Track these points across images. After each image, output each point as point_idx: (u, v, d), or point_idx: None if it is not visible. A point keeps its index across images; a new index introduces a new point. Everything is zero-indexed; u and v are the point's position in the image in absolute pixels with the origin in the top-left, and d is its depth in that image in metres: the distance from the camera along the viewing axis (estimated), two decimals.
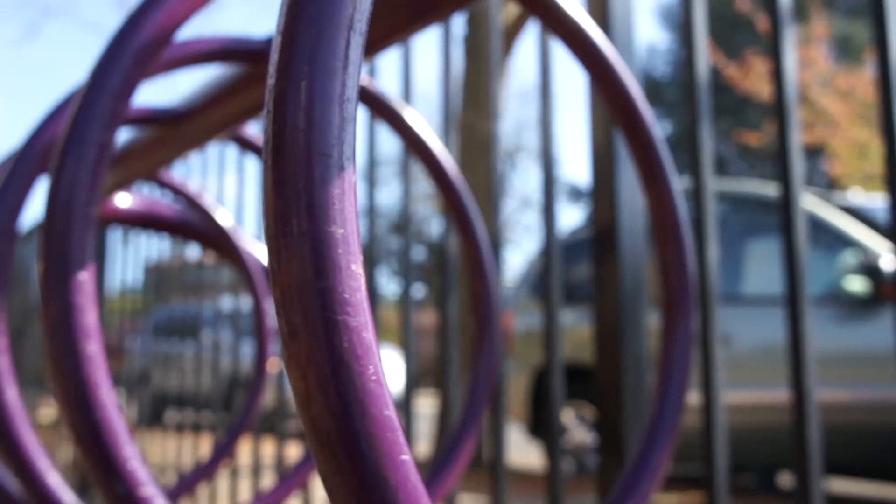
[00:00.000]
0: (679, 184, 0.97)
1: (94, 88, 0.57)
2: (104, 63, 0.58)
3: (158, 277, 3.69)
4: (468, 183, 1.29)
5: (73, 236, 0.54)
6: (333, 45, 0.33)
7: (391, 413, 0.32)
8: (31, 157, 0.80)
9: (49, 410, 5.30)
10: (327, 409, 0.31)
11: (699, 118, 1.42)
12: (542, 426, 6.77)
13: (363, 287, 0.33)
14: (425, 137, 1.21)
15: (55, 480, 0.79)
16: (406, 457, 0.32)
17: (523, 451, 7.07)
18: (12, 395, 0.78)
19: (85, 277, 0.55)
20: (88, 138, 0.56)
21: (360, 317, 0.32)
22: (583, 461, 6.61)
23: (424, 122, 1.23)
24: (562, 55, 6.46)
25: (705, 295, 1.34)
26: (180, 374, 3.46)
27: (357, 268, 0.32)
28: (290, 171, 0.32)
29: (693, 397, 0.99)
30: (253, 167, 2.80)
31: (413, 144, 1.22)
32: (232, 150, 2.95)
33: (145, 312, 4.25)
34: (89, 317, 0.54)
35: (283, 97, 0.33)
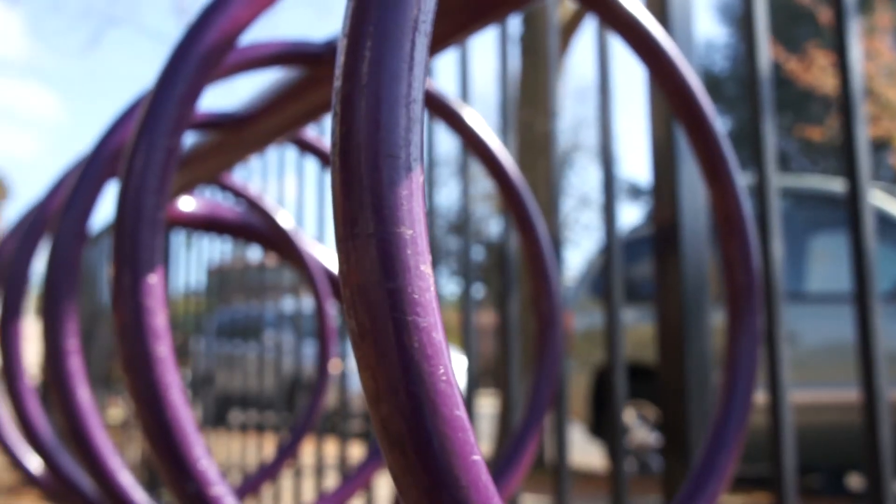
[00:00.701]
0: (743, 179, 0.96)
1: (161, 94, 0.58)
2: (170, 69, 0.59)
3: (221, 279, 3.74)
4: (526, 182, 1.28)
5: (142, 240, 0.55)
6: (399, 46, 0.33)
7: (462, 413, 0.32)
8: (99, 162, 0.82)
9: (117, 411, 5.41)
10: (398, 409, 0.31)
11: (761, 113, 1.40)
12: (603, 426, 6.72)
13: (432, 287, 0.33)
14: (485, 137, 1.20)
15: (127, 479, 0.81)
16: (477, 457, 0.32)
17: (584, 451, 7.03)
18: (85, 395, 0.79)
19: (154, 280, 0.56)
20: (156, 143, 0.57)
21: (430, 317, 0.32)
22: (644, 461, 6.56)
23: (483, 121, 1.23)
24: (619, 51, 6.40)
25: (770, 292, 1.32)
26: (243, 375, 3.50)
27: (426, 268, 0.32)
28: (359, 173, 0.32)
29: (759, 396, 0.97)
30: (312, 169, 2.82)
31: (472, 144, 1.22)
32: (291, 153, 2.98)
33: (208, 314, 4.31)
34: (159, 319, 0.55)
35: (349, 100, 0.33)
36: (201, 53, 0.59)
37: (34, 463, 1.38)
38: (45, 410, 1.14)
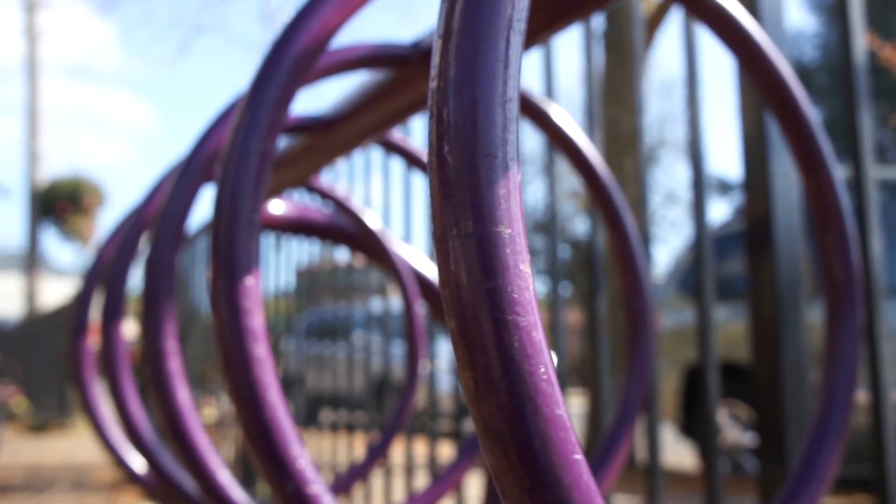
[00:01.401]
0: (840, 171, 0.93)
1: (255, 99, 0.59)
2: (263, 74, 0.60)
3: (310, 281, 3.80)
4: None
5: (239, 243, 0.56)
6: (494, 46, 0.33)
7: (563, 412, 0.32)
8: (195, 167, 0.84)
9: (211, 410, 5.54)
10: (499, 408, 0.31)
11: (856, 103, 1.36)
12: (694, 425, 6.62)
13: (531, 286, 0.32)
14: (572, 134, 1.20)
15: (225, 477, 0.83)
16: (579, 456, 0.32)
17: (674, 451, 6.93)
18: (184, 395, 0.81)
19: (251, 282, 0.57)
20: (251, 148, 0.58)
21: (530, 316, 0.32)
22: (737, 461, 6.43)
23: (570, 118, 1.22)
24: (706, 43, 6.29)
25: (870, 288, 1.28)
26: (333, 375, 3.54)
27: (525, 267, 0.32)
28: (456, 173, 0.32)
29: (860, 396, 0.94)
30: (398, 170, 2.84)
31: (559, 142, 1.21)
32: (377, 154, 3.00)
33: (298, 315, 4.38)
34: (256, 320, 0.56)
35: (446, 100, 0.33)
36: (293, 58, 0.60)
37: (136, 461, 1.43)
38: (146, 410, 1.17)
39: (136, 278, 1.27)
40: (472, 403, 0.32)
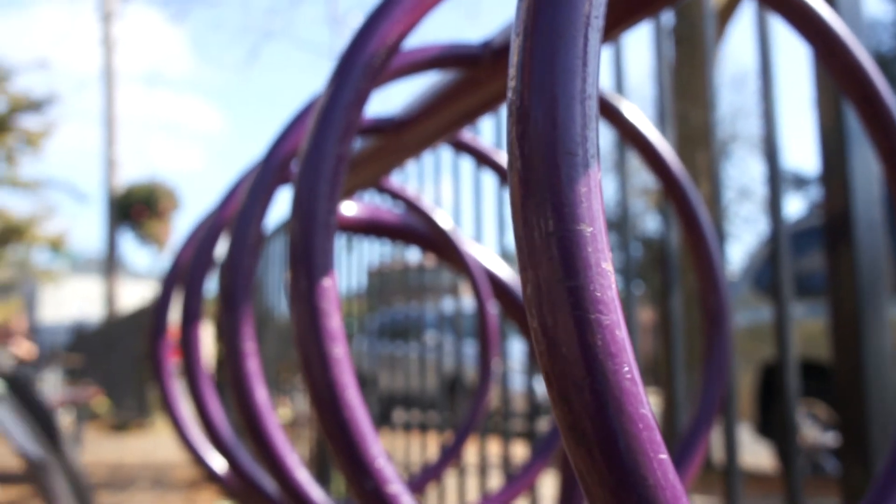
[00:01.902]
0: None
1: (330, 101, 0.60)
2: (338, 76, 0.60)
3: (381, 281, 3.82)
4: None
5: (316, 245, 0.57)
6: (572, 43, 0.33)
7: (647, 411, 0.31)
8: (271, 170, 0.85)
9: (285, 410, 5.61)
10: (583, 408, 0.31)
11: None
12: (771, 425, 6.50)
13: (614, 285, 0.32)
14: (644, 131, 1.18)
15: (304, 476, 0.83)
16: (664, 455, 0.31)
17: (751, 451, 6.81)
18: (262, 395, 0.82)
19: (328, 284, 0.57)
20: (327, 150, 0.58)
21: (613, 315, 0.32)
22: (817, 461, 6.30)
23: (642, 115, 1.21)
24: (778, 34, 6.16)
25: None
26: (405, 374, 3.56)
27: (607, 265, 0.32)
28: (537, 172, 0.32)
29: None
30: (468, 169, 2.84)
31: (631, 138, 1.20)
32: (447, 154, 3.01)
33: (370, 316, 4.41)
34: (334, 321, 0.57)
35: (524, 99, 0.33)
36: (367, 60, 0.61)
37: (215, 460, 1.45)
38: (224, 409, 1.19)
39: (213, 280, 1.30)
40: (555, 403, 0.32)
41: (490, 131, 2.53)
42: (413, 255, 3.45)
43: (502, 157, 1.51)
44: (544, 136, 0.32)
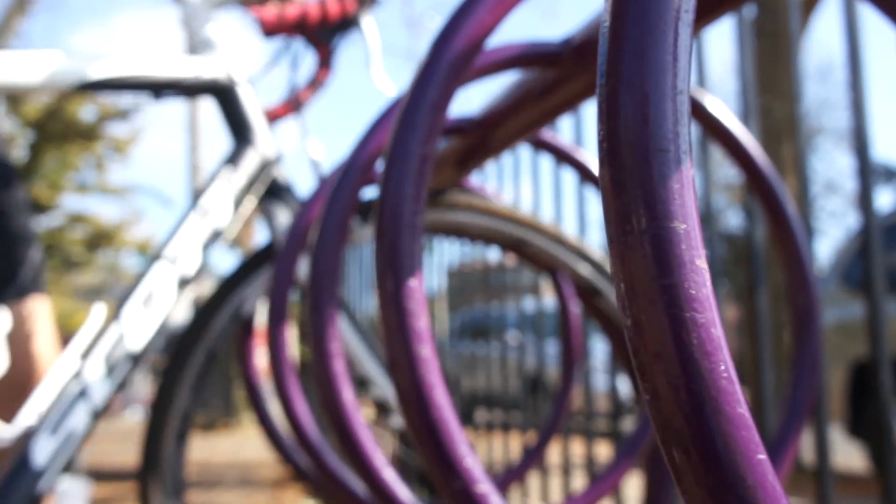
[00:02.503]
0: None
1: (414, 102, 0.60)
2: (422, 77, 0.61)
3: (461, 281, 3.82)
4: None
5: (403, 246, 0.57)
6: (662, 38, 0.33)
7: (744, 411, 0.31)
8: (355, 172, 0.86)
9: (368, 410, 5.66)
10: (678, 407, 0.31)
11: None
12: (862, 424, 6.33)
13: (708, 282, 0.32)
14: (729, 125, 1.16)
15: (390, 475, 0.84)
16: (763, 456, 0.31)
17: (842, 452, 6.63)
18: (349, 396, 0.83)
19: (415, 284, 0.58)
20: (412, 151, 0.58)
21: (708, 313, 0.31)
22: None
23: (726, 109, 1.19)
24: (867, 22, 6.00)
25: None
26: (487, 374, 3.56)
27: (701, 263, 0.32)
28: (628, 169, 0.32)
29: None
30: (547, 167, 2.82)
31: (716, 133, 1.18)
32: (525, 153, 3.00)
33: (451, 316, 4.42)
34: (421, 321, 0.57)
35: (615, 95, 0.33)
36: (450, 60, 0.61)
37: (302, 459, 1.47)
38: (310, 409, 1.21)
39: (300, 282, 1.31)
40: (650, 402, 0.32)
41: (569, 129, 2.52)
42: (493, 254, 3.45)
43: (583, 155, 1.50)
44: (635, 133, 0.32)
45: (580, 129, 2.41)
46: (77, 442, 1.20)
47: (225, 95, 1.39)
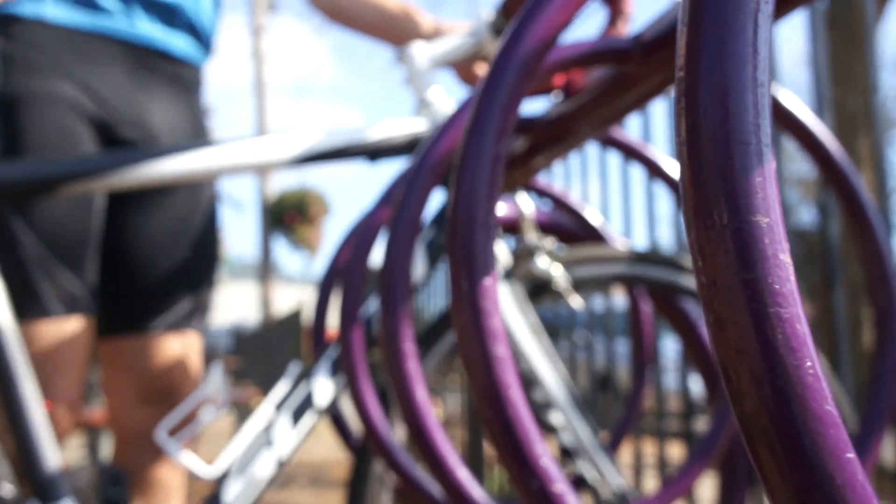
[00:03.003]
0: None
1: (486, 101, 0.60)
2: (493, 76, 0.61)
3: None
4: None
5: (476, 245, 0.58)
6: (742, 30, 0.32)
7: (832, 408, 0.30)
8: (425, 171, 0.86)
9: (437, 411, 5.67)
10: (763, 405, 0.30)
11: None
12: None
13: (792, 277, 0.31)
14: (803, 118, 1.14)
15: (465, 475, 0.84)
16: (851, 454, 0.30)
17: None
18: (423, 396, 0.84)
19: (489, 283, 0.58)
20: (484, 150, 0.59)
21: (792, 308, 0.31)
22: None
23: (800, 102, 1.17)
24: None
25: None
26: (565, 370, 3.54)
27: (785, 257, 0.31)
28: (709, 163, 0.32)
29: None
30: (615, 164, 2.80)
31: (790, 126, 1.16)
32: (593, 150, 2.98)
33: None
34: (496, 320, 0.57)
35: (694, 89, 0.32)
36: (521, 59, 0.61)
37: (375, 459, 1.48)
38: (384, 409, 1.22)
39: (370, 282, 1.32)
40: (733, 401, 0.31)
41: (636, 125, 2.50)
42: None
43: (652, 152, 1.49)
44: (716, 127, 0.32)
45: (648, 125, 2.39)
46: (261, 486, 1.28)
47: None
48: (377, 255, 1.16)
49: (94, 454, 3.91)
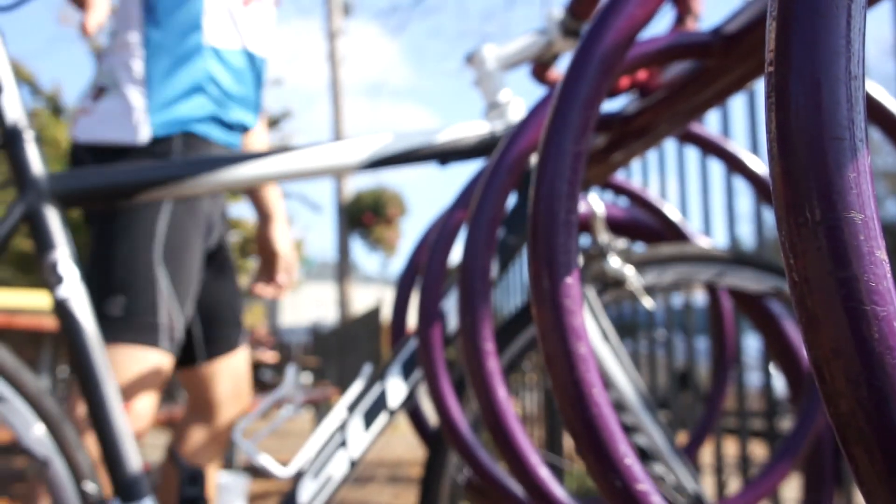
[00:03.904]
0: None
1: (567, 98, 0.60)
2: (573, 73, 0.60)
3: None
4: None
5: (558, 244, 0.57)
6: (835, 22, 0.31)
7: None
8: (504, 170, 0.86)
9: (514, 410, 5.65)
10: (859, 405, 0.29)
11: None
12: None
13: (889, 274, 0.30)
14: (892, 109, 1.11)
15: (546, 474, 0.84)
16: None
17: None
18: (503, 394, 0.84)
19: (571, 281, 0.57)
20: (565, 149, 0.58)
21: (889, 306, 0.30)
22: None
23: (887, 93, 1.14)
24: None
25: None
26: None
27: (881, 254, 0.30)
28: (801, 159, 0.31)
29: None
30: (694, 161, 2.75)
31: (877, 118, 1.13)
32: (670, 145, 2.93)
33: None
34: (577, 319, 0.57)
35: (786, 83, 0.32)
36: (601, 55, 0.60)
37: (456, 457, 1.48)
38: (462, 408, 1.22)
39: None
40: (827, 402, 0.31)
41: (714, 120, 2.46)
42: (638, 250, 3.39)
43: (733, 147, 1.46)
44: (808, 122, 0.31)
45: (727, 119, 2.34)
46: (335, 486, 1.32)
47: None
48: (455, 254, 1.17)
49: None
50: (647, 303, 1.38)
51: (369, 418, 1.33)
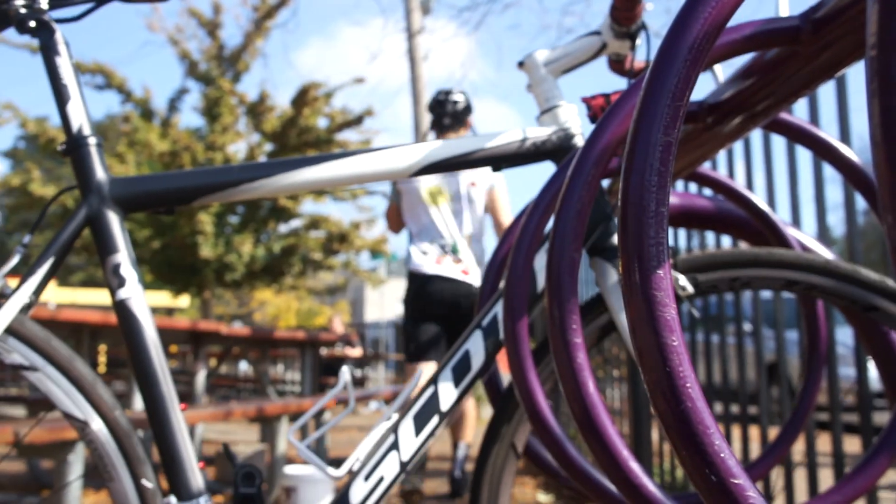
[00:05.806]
0: None
1: (655, 88, 0.59)
2: (661, 62, 0.59)
3: None
4: None
5: (648, 236, 0.57)
6: None
7: None
8: (591, 162, 0.85)
9: None
10: None
11: None
12: None
13: None
14: None
15: (637, 469, 0.83)
16: None
17: None
18: (593, 388, 0.83)
19: (662, 273, 0.57)
20: (654, 139, 0.57)
21: None
22: None
23: None
24: None
25: None
26: (723, 365, 3.45)
27: None
28: None
29: None
30: (781, 148, 2.69)
31: None
32: (756, 133, 2.87)
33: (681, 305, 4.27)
34: (669, 311, 0.56)
35: (890, 67, 0.31)
36: (690, 44, 0.59)
37: (542, 452, 1.48)
38: (550, 403, 1.22)
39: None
40: None
41: (803, 106, 2.40)
42: (724, 243, 3.33)
43: (823, 135, 1.43)
44: None
45: (816, 106, 2.28)
46: (386, 486, 1.34)
47: (560, 159, 1.43)
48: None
49: (271, 442, 4.14)
50: (692, 310, 1.36)
51: (421, 421, 1.34)
